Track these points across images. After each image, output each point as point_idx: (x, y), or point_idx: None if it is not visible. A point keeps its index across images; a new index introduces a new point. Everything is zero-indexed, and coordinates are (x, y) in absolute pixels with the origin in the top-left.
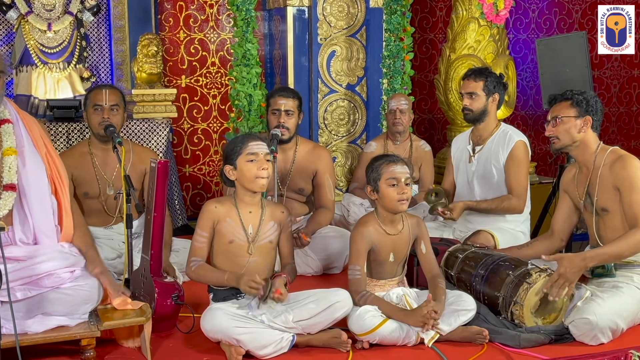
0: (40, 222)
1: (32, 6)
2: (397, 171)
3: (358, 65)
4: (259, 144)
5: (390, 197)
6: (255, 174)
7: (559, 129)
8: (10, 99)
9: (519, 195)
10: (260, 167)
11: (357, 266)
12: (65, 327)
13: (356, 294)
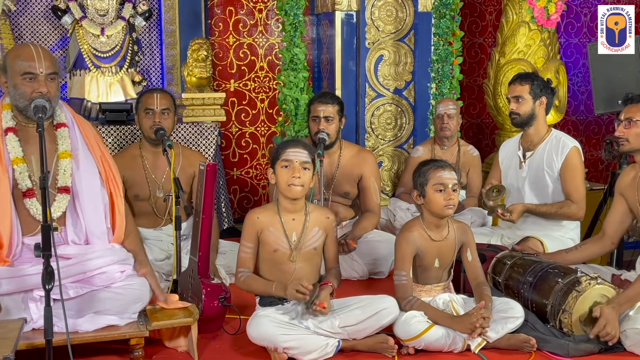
0: (91, 223)
1: (86, 11)
2: (444, 177)
3: (406, 69)
4: (297, 151)
5: (437, 202)
6: (287, 181)
7: (632, 131)
8: (65, 102)
9: (578, 202)
10: (292, 175)
11: (402, 271)
12: (115, 327)
13: (403, 300)
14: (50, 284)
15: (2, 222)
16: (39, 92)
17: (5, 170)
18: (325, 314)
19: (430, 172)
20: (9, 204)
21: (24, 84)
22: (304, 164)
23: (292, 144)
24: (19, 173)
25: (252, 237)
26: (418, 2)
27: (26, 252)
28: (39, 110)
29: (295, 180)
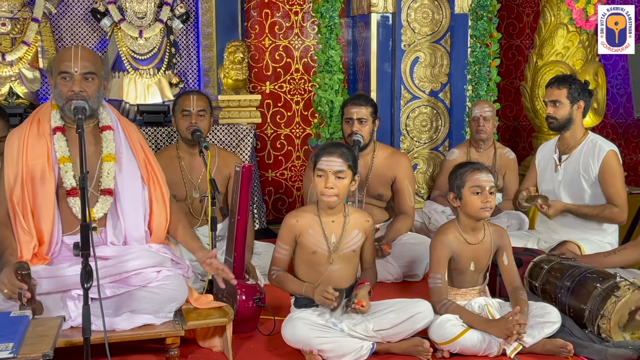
0: (130, 226)
1: (125, 14)
2: (481, 179)
3: (442, 71)
4: (330, 160)
5: (474, 205)
6: (321, 191)
7: None
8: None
9: (620, 205)
10: (325, 185)
11: (437, 274)
12: (151, 326)
13: (437, 303)
14: (89, 283)
15: (45, 219)
16: (72, 90)
17: (51, 169)
18: (365, 312)
19: (467, 174)
20: (53, 202)
21: (61, 83)
22: (338, 173)
23: (327, 151)
24: (64, 172)
25: (289, 240)
26: (455, 3)
27: (65, 250)
28: (79, 111)
29: (326, 190)
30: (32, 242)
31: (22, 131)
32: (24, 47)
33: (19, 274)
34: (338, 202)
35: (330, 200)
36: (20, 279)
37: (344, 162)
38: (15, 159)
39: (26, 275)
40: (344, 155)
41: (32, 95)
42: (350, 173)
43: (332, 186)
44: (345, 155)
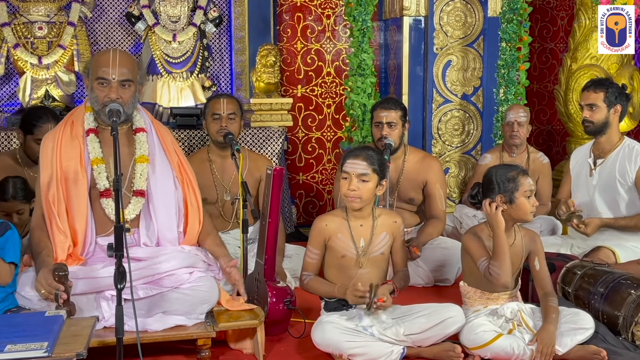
0: (163, 227)
1: (159, 18)
2: (531, 183)
3: (474, 75)
4: (355, 163)
5: (525, 208)
6: (344, 193)
7: None
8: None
9: None
10: (348, 187)
11: (483, 257)
12: (183, 327)
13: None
14: (122, 283)
15: (79, 220)
16: (109, 97)
17: (84, 171)
18: (386, 307)
19: (520, 178)
20: (86, 203)
21: (98, 88)
22: (362, 176)
23: (353, 154)
24: (98, 173)
25: (319, 244)
26: (488, 7)
27: (99, 251)
28: (114, 114)
29: (349, 192)
30: (67, 242)
31: (56, 133)
32: (60, 51)
33: (56, 275)
34: (361, 205)
35: (353, 203)
36: (57, 280)
37: (368, 165)
38: (50, 161)
39: (63, 276)
40: (369, 159)
41: (68, 98)
42: (376, 177)
43: (354, 189)
44: (370, 159)
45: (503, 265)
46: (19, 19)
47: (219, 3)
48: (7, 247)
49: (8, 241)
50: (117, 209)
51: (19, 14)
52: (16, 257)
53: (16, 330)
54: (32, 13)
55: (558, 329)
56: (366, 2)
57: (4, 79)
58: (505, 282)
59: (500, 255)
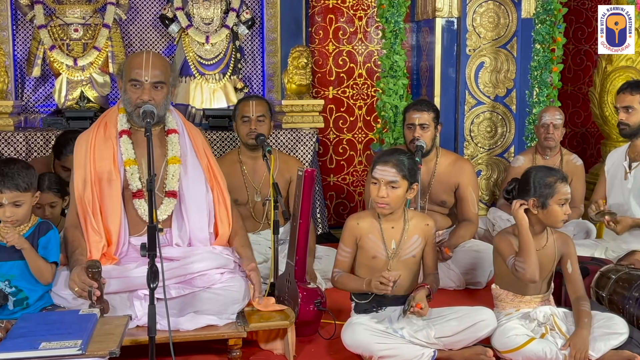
0: (195, 227)
1: (192, 20)
2: (567, 191)
3: (507, 76)
4: (384, 170)
5: (557, 216)
6: (374, 198)
7: None
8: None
9: None
10: (377, 193)
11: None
12: (214, 327)
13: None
14: (155, 283)
15: (112, 220)
16: (141, 99)
17: (117, 171)
18: (424, 314)
19: (557, 185)
20: (120, 204)
21: (131, 90)
22: (391, 183)
23: (382, 160)
24: (130, 174)
25: (350, 243)
26: (521, 8)
27: (132, 251)
28: (147, 115)
29: (378, 199)
30: (101, 242)
31: (89, 134)
32: (95, 53)
33: (89, 272)
34: (390, 210)
35: (382, 209)
36: (91, 277)
37: (397, 172)
38: (83, 162)
39: (97, 273)
40: (399, 166)
41: (102, 99)
42: (406, 183)
43: (384, 195)
44: (400, 166)
45: (528, 259)
46: (55, 21)
47: (252, 5)
48: (50, 246)
49: (50, 241)
50: (150, 209)
51: (55, 16)
52: (57, 256)
53: (51, 328)
54: (68, 15)
55: (591, 334)
56: (399, 3)
57: (41, 80)
58: (532, 278)
59: (524, 250)
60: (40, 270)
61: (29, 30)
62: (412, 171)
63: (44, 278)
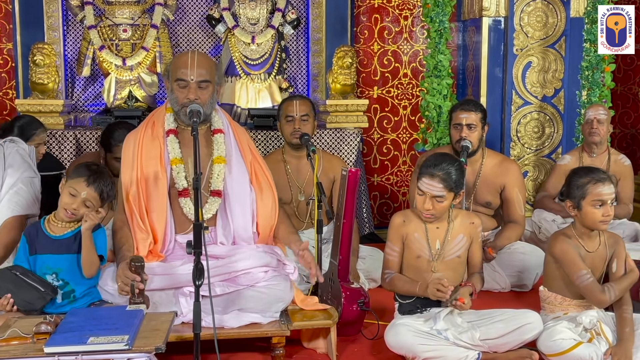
0: (239, 226)
1: (239, 20)
2: (603, 192)
3: (555, 76)
4: (431, 184)
5: (593, 217)
6: (420, 208)
7: None
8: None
9: None
10: (423, 205)
11: (583, 271)
12: (258, 324)
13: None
14: (200, 280)
15: (158, 218)
16: (188, 98)
17: (164, 170)
18: (466, 309)
19: (589, 186)
20: (166, 202)
21: (177, 89)
22: (437, 197)
23: (429, 172)
24: (177, 173)
25: (397, 240)
26: (570, 7)
27: (178, 249)
28: (194, 114)
29: (425, 212)
30: (148, 239)
31: (137, 134)
32: (143, 53)
33: (132, 266)
34: (435, 219)
35: (428, 219)
36: (134, 271)
37: (444, 187)
38: (131, 161)
39: (139, 267)
40: (446, 180)
41: (150, 98)
42: (452, 195)
43: (429, 208)
44: (447, 180)
45: None
46: (104, 22)
47: (297, 5)
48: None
49: (99, 236)
50: (196, 207)
51: (104, 17)
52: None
53: (99, 323)
54: (117, 16)
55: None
56: (444, 3)
57: (90, 80)
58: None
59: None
60: (91, 262)
61: (79, 31)
62: (459, 182)
63: (92, 270)
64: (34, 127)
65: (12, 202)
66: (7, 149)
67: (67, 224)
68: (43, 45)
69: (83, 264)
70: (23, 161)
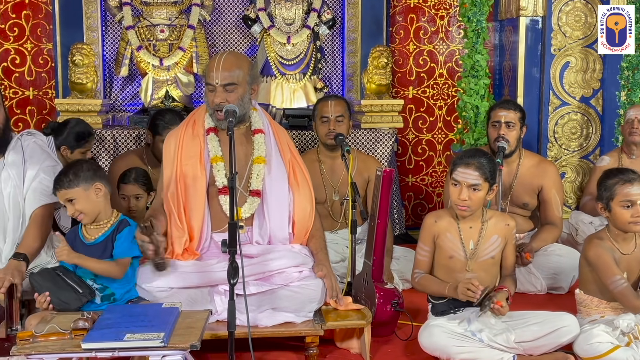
0: (275, 226)
1: (274, 20)
2: (632, 192)
3: (594, 77)
4: (466, 172)
5: (623, 218)
6: (454, 201)
7: None
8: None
9: None
10: (458, 196)
11: (617, 276)
12: (291, 324)
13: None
14: (235, 279)
15: (196, 216)
16: (215, 102)
17: (203, 168)
18: (503, 313)
19: (617, 187)
20: (204, 200)
21: (207, 93)
22: (473, 186)
23: (464, 162)
24: (217, 171)
25: (428, 240)
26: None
27: (213, 247)
28: (229, 114)
29: (459, 202)
30: (184, 237)
31: (178, 132)
32: (180, 53)
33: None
34: (471, 212)
35: (463, 212)
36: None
37: (480, 175)
38: (172, 159)
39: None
40: (481, 168)
41: (187, 98)
42: (487, 185)
43: (465, 198)
44: (482, 168)
45: None
46: (142, 22)
47: (333, 5)
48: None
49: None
50: (231, 206)
51: (142, 17)
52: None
53: (135, 320)
54: (155, 16)
55: None
56: (481, 2)
57: (128, 79)
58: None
59: None
60: (105, 272)
61: (117, 31)
62: (493, 173)
63: (114, 275)
64: (87, 134)
65: (37, 192)
66: (25, 141)
67: (98, 227)
68: (82, 45)
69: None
70: (42, 151)
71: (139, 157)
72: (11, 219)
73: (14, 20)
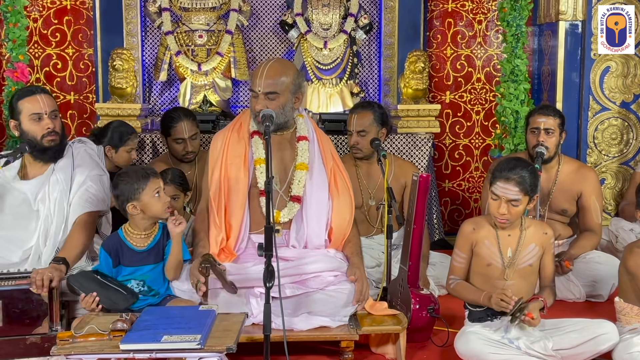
0: (312, 232)
1: (311, 25)
2: None
3: (635, 82)
4: (506, 188)
5: None
6: (494, 214)
7: None
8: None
9: None
10: (498, 210)
11: None
12: (327, 328)
13: None
14: (271, 282)
15: (235, 216)
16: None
17: (246, 170)
18: (534, 325)
19: None
20: (244, 200)
21: (252, 99)
22: (512, 201)
23: (504, 176)
24: (259, 173)
25: (465, 248)
26: None
27: (250, 248)
28: (266, 118)
29: (499, 215)
30: (220, 235)
31: (225, 133)
32: (217, 58)
33: (201, 267)
34: (509, 225)
35: (503, 224)
36: (200, 271)
37: (520, 191)
38: (216, 159)
39: (205, 268)
40: (522, 184)
41: (224, 103)
42: (527, 198)
43: (504, 212)
44: (523, 184)
45: None
46: (181, 28)
47: (370, 10)
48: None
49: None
50: (267, 210)
51: (181, 23)
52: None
53: (172, 322)
54: (194, 22)
55: None
56: (521, 6)
57: (166, 84)
58: None
59: None
60: (177, 265)
61: (156, 37)
62: (534, 185)
63: (178, 273)
64: (129, 132)
65: (82, 199)
66: (76, 149)
67: (145, 235)
68: (122, 50)
69: (170, 268)
70: (91, 160)
71: (166, 164)
72: (55, 222)
73: (56, 26)
